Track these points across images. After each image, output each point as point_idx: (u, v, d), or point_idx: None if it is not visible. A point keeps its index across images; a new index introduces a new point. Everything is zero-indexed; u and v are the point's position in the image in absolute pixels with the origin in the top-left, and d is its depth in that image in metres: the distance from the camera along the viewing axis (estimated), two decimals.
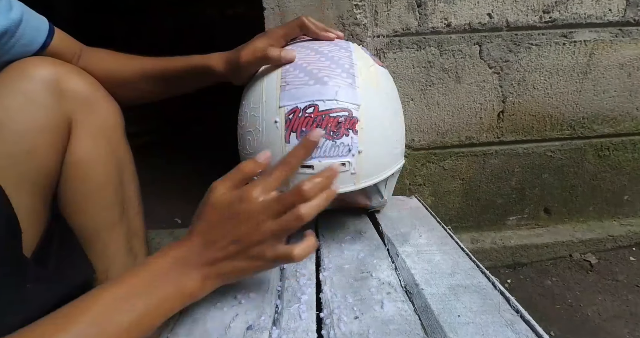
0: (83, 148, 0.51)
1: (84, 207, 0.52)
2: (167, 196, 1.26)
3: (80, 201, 0.51)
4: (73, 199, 0.51)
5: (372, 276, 0.47)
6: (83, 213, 0.52)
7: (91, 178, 0.51)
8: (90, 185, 0.51)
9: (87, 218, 0.52)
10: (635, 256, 0.95)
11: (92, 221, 0.52)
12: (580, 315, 0.79)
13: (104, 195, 0.53)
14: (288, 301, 0.43)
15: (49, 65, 0.49)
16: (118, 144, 0.55)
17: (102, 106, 0.53)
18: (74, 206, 0.51)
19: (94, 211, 0.52)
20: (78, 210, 0.52)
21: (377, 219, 0.63)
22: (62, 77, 0.49)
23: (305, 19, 0.52)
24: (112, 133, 0.54)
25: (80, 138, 0.51)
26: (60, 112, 0.49)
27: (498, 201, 0.95)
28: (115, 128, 0.55)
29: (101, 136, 0.52)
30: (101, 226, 0.53)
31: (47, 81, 0.48)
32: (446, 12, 0.80)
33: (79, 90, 0.51)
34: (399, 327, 0.37)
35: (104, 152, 0.53)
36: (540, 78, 0.86)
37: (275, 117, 0.46)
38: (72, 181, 0.50)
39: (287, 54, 0.49)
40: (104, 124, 0.53)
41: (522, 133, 0.90)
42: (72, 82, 0.50)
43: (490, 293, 0.42)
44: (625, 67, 0.87)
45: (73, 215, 0.52)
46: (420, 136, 0.88)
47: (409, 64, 0.82)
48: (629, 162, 0.95)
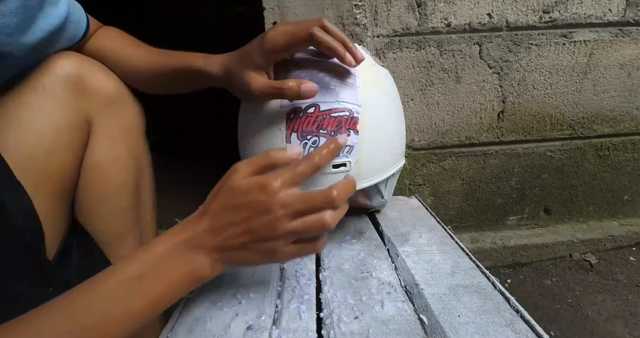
0: (102, 149, 0.49)
1: (100, 211, 0.50)
2: (168, 196, 1.25)
3: (97, 204, 0.50)
4: (89, 203, 0.50)
5: (372, 276, 0.47)
6: (99, 217, 0.50)
7: (109, 182, 0.50)
8: (107, 188, 0.50)
9: (103, 222, 0.51)
10: (635, 256, 0.95)
11: (107, 225, 0.51)
12: (580, 315, 0.79)
13: (121, 199, 0.51)
14: (288, 301, 0.43)
15: (73, 61, 0.47)
16: (137, 146, 0.54)
17: (124, 106, 0.52)
18: (89, 209, 0.50)
19: (109, 215, 0.51)
20: (94, 214, 0.50)
21: (377, 219, 0.63)
22: (86, 74, 0.48)
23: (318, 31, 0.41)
24: (132, 134, 0.53)
25: (100, 139, 0.49)
26: (81, 111, 0.47)
27: (498, 201, 0.96)
28: (136, 130, 0.53)
29: (121, 138, 0.51)
30: (116, 230, 0.51)
31: (69, 78, 0.46)
32: (446, 12, 0.80)
33: (101, 89, 0.49)
34: (399, 327, 0.37)
35: (123, 154, 0.51)
36: (540, 78, 0.86)
37: (276, 117, 0.46)
38: (89, 184, 0.49)
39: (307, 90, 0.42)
40: (124, 125, 0.51)
41: (522, 133, 0.90)
42: (95, 80, 0.49)
43: (490, 293, 0.42)
44: (625, 67, 0.87)
45: (88, 218, 0.50)
46: (420, 136, 0.88)
47: (409, 64, 0.82)
48: (629, 162, 0.95)
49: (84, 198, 0.50)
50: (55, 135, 0.45)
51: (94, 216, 0.50)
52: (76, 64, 0.47)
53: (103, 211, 0.50)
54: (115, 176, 0.50)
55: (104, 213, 0.51)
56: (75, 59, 0.48)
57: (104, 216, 0.51)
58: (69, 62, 0.47)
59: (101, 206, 0.50)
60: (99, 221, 0.51)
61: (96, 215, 0.50)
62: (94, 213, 0.50)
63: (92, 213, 0.50)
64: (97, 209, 0.50)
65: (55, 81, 0.46)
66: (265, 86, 0.43)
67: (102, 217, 0.51)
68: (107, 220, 0.51)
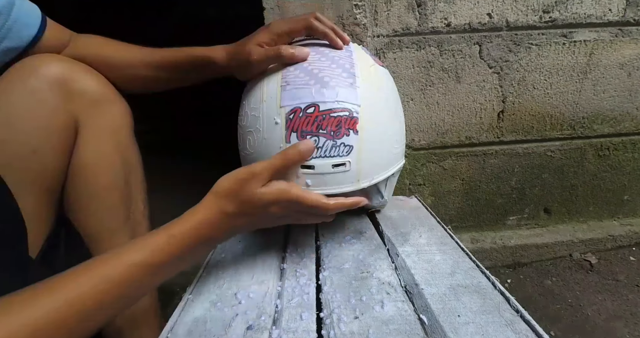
0: (89, 149, 0.50)
1: (89, 210, 0.51)
2: (167, 196, 1.25)
3: (85, 203, 0.51)
4: (78, 202, 0.51)
5: (372, 276, 0.47)
6: (87, 216, 0.51)
7: (96, 180, 0.51)
8: (95, 187, 0.51)
9: (92, 220, 0.51)
10: (635, 256, 0.95)
11: (96, 224, 0.51)
12: (580, 315, 0.79)
13: (109, 198, 0.52)
14: (288, 301, 0.43)
15: (59, 63, 0.48)
16: (126, 146, 0.54)
17: (110, 106, 0.52)
18: (78, 208, 0.51)
19: (98, 214, 0.51)
20: (83, 213, 0.51)
21: (377, 219, 0.63)
22: (71, 76, 0.49)
23: (314, 20, 0.50)
24: (120, 134, 0.53)
25: (87, 139, 0.50)
26: (68, 112, 0.48)
27: (498, 201, 0.95)
28: (124, 129, 0.54)
29: (108, 138, 0.52)
30: (106, 229, 0.52)
31: (55, 80, 0.47)
32: (446, 12, 0.80)
33: (88, 90, 0.50)
34: (399, 327, 0.37)
35: (110, 154, 0.52)
36: (540, 78, 0.86)
37: (275, 117, 0.46)
38: (78, 183, 0.50)
39: (301, 53, 0.48)
40: (112, 125, 0.52)
41: (522, 133, 0.90)
42: (81, 81, 0.49)
43: (490, 293, 0.42)
44: (625, 67, 0.87)
45: (77, 217, 0.51)
46: (420, 136, 0.88)
47: (408, 64, 0.82)
48: (629, 162, 0.95)
49: (72, 197, 0.50)
50: (42, 135, 0.46)
51: (82, 214, 0.51)
52: (62, 66, 0.48)
53: (92, 210, 0.51)
54: (103, 175, 0.51)
55: (93, 212, 0.51)
56: (60, 61, 0.49)
57: (93, 214, 0.51)
58: (55, 64, 0.48)
59: (90, 204, 0.51)
60: (89, 220, 0.51)
61: (85, 213, 0.51)
62: (83, 211, 0.51)
63: (81, 212, 0.51)
64: (85, 207, 0.51)
65: (41, 83, 0.46)
66: (263, 51, 0.49)
67: (91, 215, 0.51)
68: (96, 217, 0.52)
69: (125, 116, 0.54)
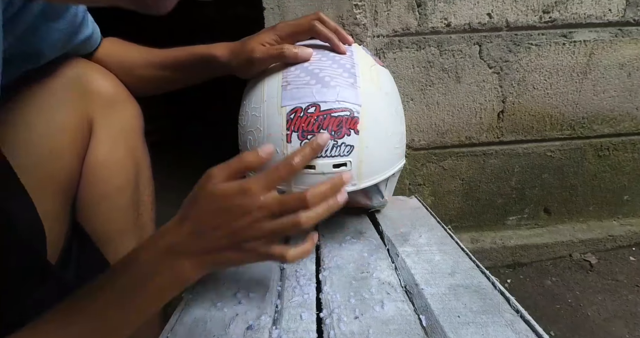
0: (103, 149, 0.50)
1: (99, 210, 0.51)
2: (167, 195, 1.25)
3: (96, 204, 0.50)
4: (89, 202, 0.50)
5: (372, 276, 0.47)
6: (98, 217, 0.51)
7: (109, 181, 0.50)
8: (107, 188, 0.50)
9: (102, 221, 0.51)
10: (635, 256, 0.95)
11: (106, 225, 0.51)
12: (580, 315, 0.79)
13: (120, 199, 0.52)
14: (288, 301, 0.43)
15: (75, 64, 0.49)
16: (136, 147, 0.54)
17: (123, 107, 0.53)
18: (89, 209, 0.50)
19: (109, 214, 0.51)
20: (93, 213, 0.51)
21: (377, 219, 0.63)
22: (87, 77, 0.49)
23: (318, 23, 0.50)
24: (132, 135, 0.53)
25: (101, 140, 0.50)
26: (83, 112, 0.48)
27: (498, 201, 0.96)
28: (136, 131, 0.54)
29: (121, 138, 0.52)
30: (115, 229, 0.52)
31: (72, 80, 0.48)
32: (446, 12, 0.80)
33: (102, 90, 0.50)
34: (399, 327, 0.37)
35: (123, 155, 0.52)
36: (540, 78, 0.86)
37: (276, 117, 0.46)
38: (90, 184, 0.50)
39: (304, 53, 0.48)
40: (124, 126, 0.52)
41: (522, 133, 0.90)
42: (95, 82, 0.50)
43: (490, 293, 0.42)
44: (625, 67, 0.87)
45: (88, 218, 0.51)
46: (420, 136, 0.88)
47: (408, 64, 0.82)
48: (629, 162, 0.95)
49: (83, 198, 0.50)
50: (60, 136, 0.46)
51: (93, 215, 0.51)
52: (78, 67, 0.49)
53: (102, 211, 0.51)
54: (115, 176, 0.51)
55: (103, 213, 0.51)
56: (77, 62, 0.49)
57: (103, 215, 0.51)
58: (71, 64, 0.49)
59: (100, 206, 0.51)
60: (98, 221, 0.51)
61: (95, 215, 0.51)
62: (93, 212, 0.51)
63: (91, 213, 0.51)
64: (96, 209, 0.51)
65: (59, 83, 0.47)
66: (266, 49, 0.49)
67: (101, 217, 0.51)
68: (106, 219, 0.51)
69: (137, 117, 0.55)
